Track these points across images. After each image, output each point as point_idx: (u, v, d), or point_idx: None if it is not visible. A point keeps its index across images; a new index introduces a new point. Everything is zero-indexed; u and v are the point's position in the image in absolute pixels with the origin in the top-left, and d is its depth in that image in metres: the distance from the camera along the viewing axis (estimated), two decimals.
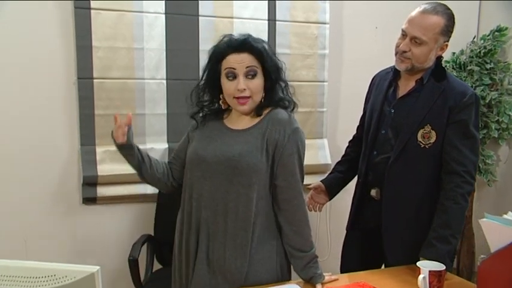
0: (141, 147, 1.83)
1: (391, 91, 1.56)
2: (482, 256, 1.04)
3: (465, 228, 2.44)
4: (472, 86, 2.27)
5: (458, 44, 2.41)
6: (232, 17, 2.01)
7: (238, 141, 1.30)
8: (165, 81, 1.94)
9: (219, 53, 1.31)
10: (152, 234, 1.91)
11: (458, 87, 1.48)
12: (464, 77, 2.29)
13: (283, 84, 1.35)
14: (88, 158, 1.86)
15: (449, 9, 1.48)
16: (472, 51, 2.34)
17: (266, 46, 1.33)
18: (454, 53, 2.41)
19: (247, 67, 1.28)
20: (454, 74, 2.30)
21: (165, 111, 1.96)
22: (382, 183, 1.52)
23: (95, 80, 1.84)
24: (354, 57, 2.27)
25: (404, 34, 1.47)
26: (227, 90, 1.30)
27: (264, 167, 1.27)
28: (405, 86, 1.54)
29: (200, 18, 1.96)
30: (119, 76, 1.87)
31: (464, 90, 1.46)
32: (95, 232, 1.97)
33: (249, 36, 1.32)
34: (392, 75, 1.57)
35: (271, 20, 2.08)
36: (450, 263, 1.44)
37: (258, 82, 1.29)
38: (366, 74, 2.22)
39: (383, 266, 1.58)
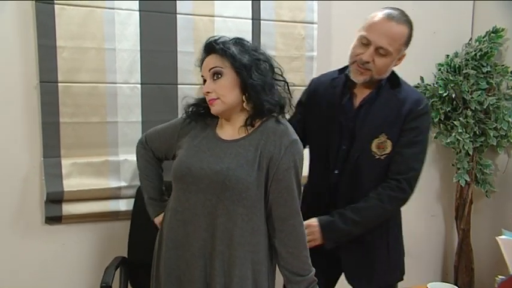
0: (113, 159, 1.85)
1: (346, 100, 1.52)
2: (500, 277, 0.99)
3: (462, 243, 2.44)
4: (468, 91, 2.27)
5: (452, 45, 2.41)
6: (213, 16, 1.96)
7: (228, 154, 1.28)
8: (139, 86, 1.88)
9: (201, 59, 1.34)
10: (126, 256, 1.83)
11: (412, 94, 1.49)
12: (460, 81, 2.28)
13: (259, 81, 1.29)
14: (52, 171, 1.78)
15: (408, 16, 1.47)
16: (467, 53, 2.34)
17: (235, 42, 1.31)
18: (448, 56, 2.41)
19: (210, 69, 1.29)
20: (450, 78, 2.30)
21: (140, 119, 1.90)
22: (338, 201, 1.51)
23: (59, 84, 1.76)
24: (344, 59, 2.13)
25: (366, 43, 1.42)
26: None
27: (255, 183, 1.24)
28: (361, 93, 1.51)
29: (178, 16, 1.90)
30: (87, 80, 1.80)
31: (419, 98, 1.49)
32: (60, 256, 1.88)
33: (221, 37, 1.32)
34: (345, 83, 1.53)
35: (256, 19, 2.04)
36: (333, 243, 1.45)
37: (223, 82, 1.28)
38: None
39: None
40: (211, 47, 1.30)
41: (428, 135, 1.50)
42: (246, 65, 1.27)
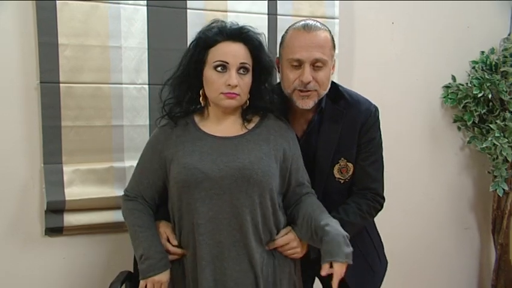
0: (118, 165, 1.82)
1: None
2: None
3: (501, 259, 2.36)
4: (506, 91, 2.19)
5: (488, 41, 2.34)
6: (226, 11, 1.93)
7: (240, 150, 1.31)
8: (147, 87, 1.86)
9: (208, 38, 1.30)
10: (132, 271, 1.73)
11: (359, 105, 1.47)
12: (497, 80, 2.19)
13: (269, 87, 1.38)
14: (53, 179, 1.76)
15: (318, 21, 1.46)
16: (505, 49, 2.26)
17: (265, 40, 1.35)
18: (483, 52, 2.33)
19: (241, 62, 1.29)
20: (485, 76, 2.21)
21: (147, 122, 1.88)
22: None
23: (61, 85, 1.74)
24: (367, 57, 2.22)
25: (298, 64, 1.38)
26: (214, 83, 1.29)
27: (277, 174, 1.33)
28: (299, 120, 1.49)
29: (188, 11, 1.89)
30: (91, 80, 1.78)
31: (368, 107, 1.48)
32: (61, 270, 1.86)
33: (248, 28, 1.33)
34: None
35: (272, 14, 2.01)
36: (318, 252, 1.39)
37: (248, 79, 1.32)
38: (381, 77, 2.23)
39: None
40: (244, 36, 1.30)
41: (380, 137, 1.51)
42: (266, 71, 1.35)
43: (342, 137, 1.45)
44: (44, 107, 1.73)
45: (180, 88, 1.37)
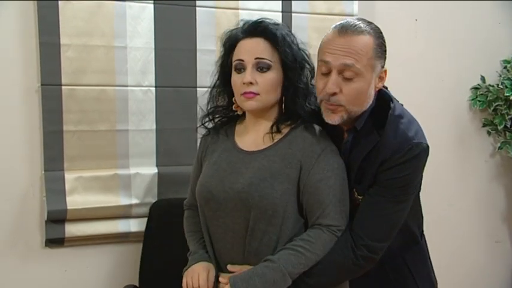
0: (123, 172, 1.81)
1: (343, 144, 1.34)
2: None
3: None
4: None
5: None
6: (237, 8, 1.94)
7: (250, 167, 1.27)
8: (153, 89, 1.87)
9: (230, 39, 1.30)
10: (137, 284, 1.79)
11: (396, 136, 1.23)
12: None
13: (305, 88, 1.29)
14: (54, 186, 1.76)
15: (371, 22, 1.26)
16: None
17: (287, 32, 1.29)
18: None
19: (256, 58, 1.24)
20: None
21: (154, 127, 1.89)
22: None
23: (63, 87, 1.75)
24: (388, 57, 2.12)
25: (326, 70, 1.22)
26: (234, 85, 1.28)
27: (282, 198, 1.23)
28: (340, 136, 1.34)
29: (198, 9, 1.89)
30: (94, 82, 1.79)
31: (402, 142, 1.22)
32: (62, 283, 1.85)
33: (268, 21, 1.29)
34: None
35: (286, 11, 2.01)
36: None
37: (271, 77, 1.25)
38: (404, 78, 2.17)
39: None
40: (261, 30, 1.26)
41: (410, 184, 1.26)
42: (297, 64, 1.27)
43: (367, 168, 1.26)
44: (45, 110, 1.74)
45: (218, 96, 1.37)
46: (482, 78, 2.28)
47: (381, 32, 1.26)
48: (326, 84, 1.22)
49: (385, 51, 1.26)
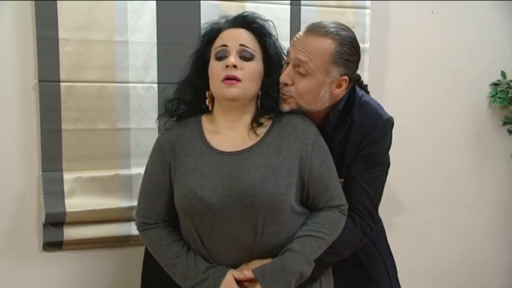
0: (124, 173, 1.80)
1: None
2: None
3: None
4: None
5: None
6: (243, 0, 1.92)
7: (245, 168, 1.24)
8: (156, 86, 1.86)
9: (212, 30, 1.32)
10: None
11: (368, 117, 1.42)
12: None
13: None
14: (52, 188, 1.76)
15: (348, 29, 1.38)
16: None
17: (271, 26, 1.35)
18: None
19: (241, 44, 1.28)
20: None
21: (156, 125, 1.82)
22: None
23: (61, 84, 1.75)
24: (402, 52, 2.18)
25: (287, 61, 1.39)
26: (214, 71, 1.28)
27: (287, 193, 1.24)
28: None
29: (202, 2, 1.88)
30: (94, 78, 1.79)
31: (375, 120, 1.42)
32: None
33: (255, 15, 1.34)
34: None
35: (295, 3, 1.99)
36: None
37: (254, 66, 1.29)
38: (419, 74, 2.16)
39: None
40: (246, 21, 1.31)
41: (386, 153, 1.46)
42: (276, 59, 1.34)
43: (345, 149, 1.42)
44: (42, 108, 1.74)
45: (186, 91, 1.38)
46: (503, 74, 2.26)
47: (352, 42, 1.35)
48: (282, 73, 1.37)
49: (351, 61, 1.34)
